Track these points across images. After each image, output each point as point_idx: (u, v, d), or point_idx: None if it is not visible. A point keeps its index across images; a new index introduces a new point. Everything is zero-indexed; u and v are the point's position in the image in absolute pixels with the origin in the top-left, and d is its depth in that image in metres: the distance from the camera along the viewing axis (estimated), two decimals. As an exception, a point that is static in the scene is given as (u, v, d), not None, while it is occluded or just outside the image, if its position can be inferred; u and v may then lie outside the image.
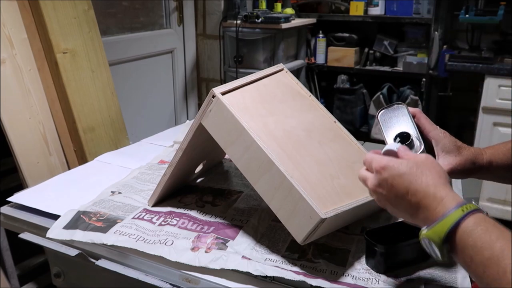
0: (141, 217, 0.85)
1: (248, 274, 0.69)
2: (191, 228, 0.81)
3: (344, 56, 2.84)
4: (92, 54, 1.58)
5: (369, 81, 2.90)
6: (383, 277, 0.69)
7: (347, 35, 2.86)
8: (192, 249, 0.74)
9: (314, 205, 0.65)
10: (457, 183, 1.02)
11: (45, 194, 0.97)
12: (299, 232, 0.68)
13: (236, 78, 1.92)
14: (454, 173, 0.72)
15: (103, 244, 0.77)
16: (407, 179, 0.57)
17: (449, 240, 0.52)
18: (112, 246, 0.77)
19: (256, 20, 2.45)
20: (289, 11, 2.72)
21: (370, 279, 0.69)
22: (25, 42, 1.44)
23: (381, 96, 2.72)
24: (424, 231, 0.54)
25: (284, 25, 2.47)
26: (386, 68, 2.78)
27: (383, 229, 0.75)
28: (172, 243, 0.76)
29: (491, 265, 0.48)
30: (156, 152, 1.20)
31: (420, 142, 0.72)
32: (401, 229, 0.76)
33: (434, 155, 0.72)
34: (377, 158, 0.61)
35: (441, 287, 0.67)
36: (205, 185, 1.00)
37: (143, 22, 2.46)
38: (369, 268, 0.71)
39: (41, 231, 0.84)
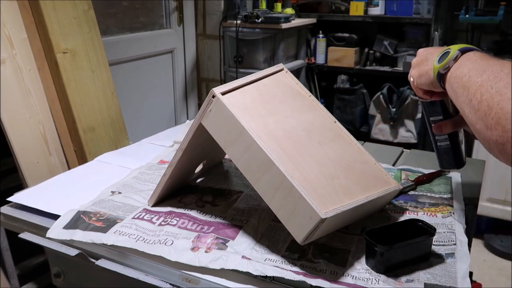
0: (141, 217, 0.85)
1: (248, 274, 0.69)
2: (191, 228, 0.81)
3: (344, 56, 2.84)
4: (92, 54, 1.58)
5: (369, 81, 2.90)
6: (383, 277, 0.69)
7: (347, 35, 2.86)
8: (192, 249, 0.74)
9: (314, 205, 0.65)
10: (457, 183, 1.02)
11: (45, 194, 0.97)
12: (299, 232, 0.68)
13: (236, 78, 1.92)
14: None
15: (103, 244, 0.77)
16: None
17: (463, 51, 0.65)
18: (112, 246, 0.77)
19: (256, 20, 2.45)
20: (289, 11, 2.72)
21: (370, 279, 0.69)
22: (25, 42, 1.44)
23: (381, 96, 2.72)
24: (445, 47, 0.68)
25: (284, 25, 2.47)
26: (386, 68, 2.78)
27: (383, 229, 0.75)
28: (172, 243, 0.76)
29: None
30: (156, 152, 1.20)
31: None
32: (401, 229, 0.77)
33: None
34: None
35: (441, 287, 0.67)
36: (205, 185, 1.00)
37: (143, 22, 2.46)
38: (369, 268, 0.71)
39: (41, 231, 0.84)
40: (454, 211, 0.87)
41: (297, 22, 2.65)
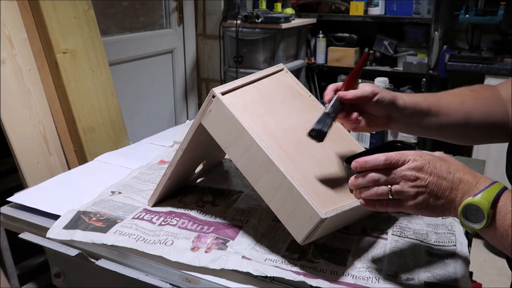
0: (141, 217, 0.85)
1: (248, 274, 0.69)
2: (191, 228, 0.81)
3: (344, 56, 2.84)
4: (92, 54, 1.58)
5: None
6: (383, 276, 0.69)
7: (347, 35, 2.86)
8: (192, 249, 0.74)
9: (314, 205, 0.65)
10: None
11: (45, 194, 0.97)
12: (299, 232, 0.68)
13: (236, 78, 1.92)
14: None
15: (103, 244, 0.77)
16: (447, 160, 0.62)
17: (493, 207, 0.57)
18: (112, 246, 0.77)
19: (256, 20, 2.45)
20: (289, 11, 2.72)
21: (370, 278, 0.69)
22: (25, 42, 1.44)
23: (381, 96, 2.72)
24: (468, 199, 0.58)
25: (284, 25, 2.47)
26: (386, 68, 2.78)
27: (363, 154, 0.69)
28: (172, 243, 0.76)
29: None
30: (156, 152, 1.20)
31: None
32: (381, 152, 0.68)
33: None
34: (400, 152, 0.62)
35: (441, 286, 0.67)
36: (205, 185, 1.00)
37: (143, 22, 2.46)
38: (369, 266, 0.71)
39: (41, 231, 0.84)
40: (454, 211, 0.87)
41: (297, 22, 2.65)
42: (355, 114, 0.76)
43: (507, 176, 0.79)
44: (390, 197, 0.61)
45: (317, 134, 0.72)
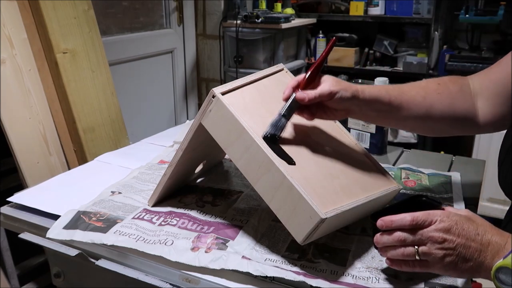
0: (141, 217, 0.85)
1: (248, 274, 0.69)
2: (191, 228, 0.81)
3: (344, 56, 2.84)
4: (92, 54, 1.58)
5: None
6: (383, 275, 0.69)
7: (347, 35, 2.86)
8: (192, 249, 0.74)
9: (314, 205, 0.65)
10: (457, 183, 1.02)
11: (45, 194, 0.97)
12: (299, 232, 0.68)
13: (236, 78, 1.92)
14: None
15: (103, 244, 0.77)
16: (475, 221, 0.61)
17: None
18: (112, 246, 0.77)
19: (256, 20, 2.45)
20: (289, 11, 2.72)
21: (370, 278, 0.69)
22: (25, 42, 1.44)
23: (381, 96, 2.72)
24: (499, 262, 0.57)
25: (284, 25, 2.47)
26: (386, 68, 2.78)
27: (388, 210, 0.71)
28: (172, 243, 0.76)
29: None
30: (156, 152, 1.20)
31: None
32: (407, 207, 0.70)
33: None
34: (426, 212, 0.62)
35: (441, 287, 0.67)
36: (205, 185, 1.00)
37: (143, 22, 2.47)
38: (369, 266, 0.71)
39: (41, 231, 0.84)
40: (454, 211, 0.87)
41: (297, 22, 2.65)
42: (309, 115, 0.76)
43: (501, 187, 0.78)
44: (417, 258, 0.61)
45: (270, 138, 0.73)
